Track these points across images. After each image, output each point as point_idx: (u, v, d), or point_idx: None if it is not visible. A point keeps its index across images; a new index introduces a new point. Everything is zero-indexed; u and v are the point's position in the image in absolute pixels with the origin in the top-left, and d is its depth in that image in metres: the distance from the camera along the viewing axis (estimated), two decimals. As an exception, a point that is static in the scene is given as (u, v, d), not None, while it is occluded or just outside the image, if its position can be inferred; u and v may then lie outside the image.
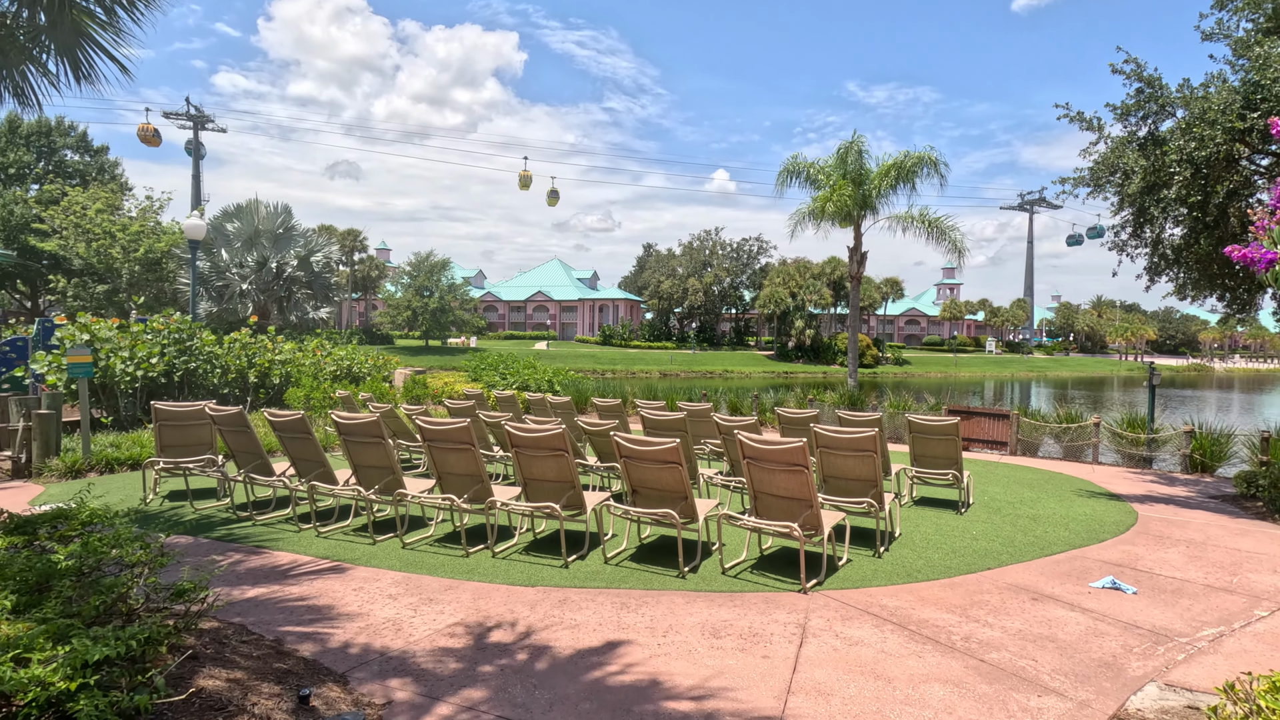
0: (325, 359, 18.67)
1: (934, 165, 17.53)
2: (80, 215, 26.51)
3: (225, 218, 25.79)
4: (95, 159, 34.10)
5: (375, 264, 69.82)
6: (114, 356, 12.71)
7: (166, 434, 8.09)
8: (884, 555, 6.21)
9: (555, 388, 22.09)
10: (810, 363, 66.98)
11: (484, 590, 5.11)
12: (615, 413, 10.99)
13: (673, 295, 73.80)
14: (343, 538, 6.54)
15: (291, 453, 7.22)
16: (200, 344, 14.88)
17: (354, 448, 6.69)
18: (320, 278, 26.93)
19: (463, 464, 6.26)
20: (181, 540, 6.40)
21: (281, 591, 5.00)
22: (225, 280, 25.03)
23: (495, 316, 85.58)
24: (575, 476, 5.97)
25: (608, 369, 53.86)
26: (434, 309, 61.08)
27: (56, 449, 10.57)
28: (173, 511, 7.48)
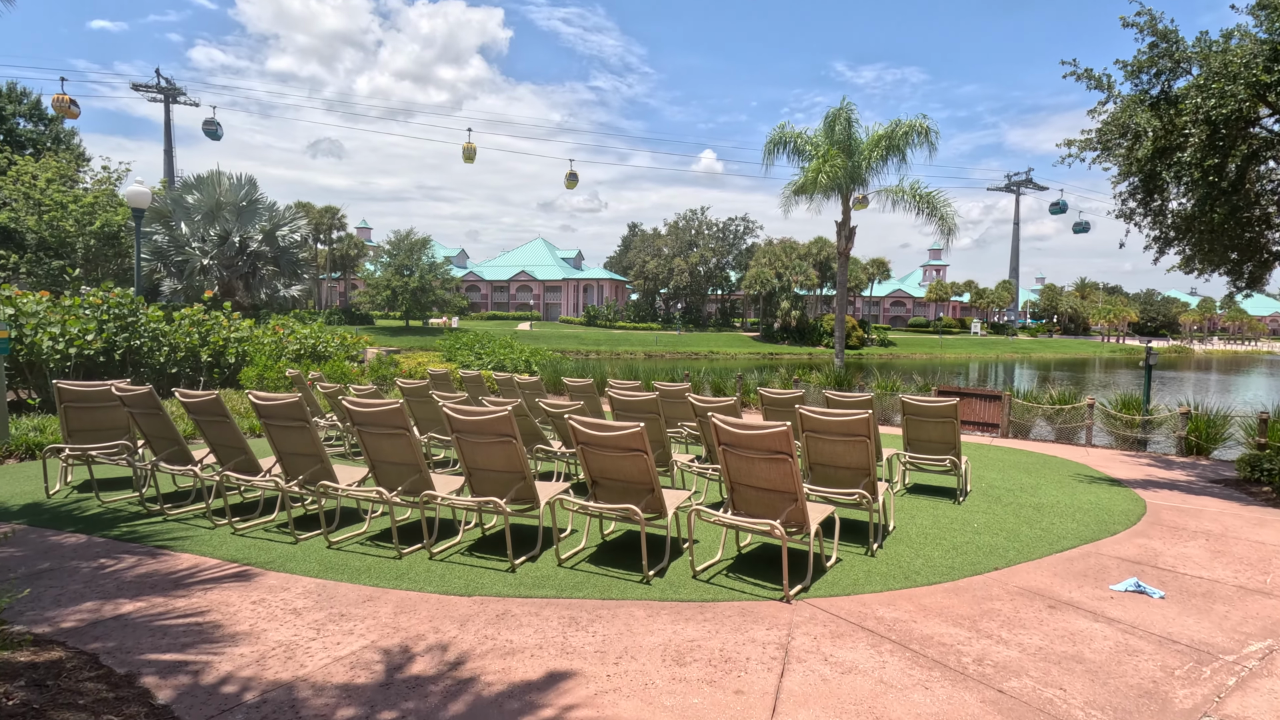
0: (288, 337, 17.69)
1: (925, 134, 16.67)
2: (30, 185, 25.09)
3: (185, 189, 24.46)
4: (50, 128, 32.41)
5: (355, 243, 68.10)
6: (42, 332, 11.69)
7: (74, 417, 7.18)
8: (878, 553, 5.49)
9: (532, 368, 21.25)
10: (796, 344, 66.45)
11: (409, 601, 4.32)
12: (587, 394, 10.18)
13: (658, 276, 72.80)
14: (262, 535, 5.71)
15: (209, 437, 6.36)
16: (145, 320, 13.85)
17: (276, 432, 5.84)
18: (288, 254, 25.73)
19: (397, 451, 5.44)
20: (72, 540, 5.54)
21: (165, 606, 4.18)
22: (185, 255, 23.79)
23: (478, 297, 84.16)
24: (525, 466, 5.17)
25: (591, 350, 52.99)
26: (414, 289, 59.71)
27: (-27, 433, 9.61)
28: (76, 505, 6.61)
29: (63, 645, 3.54)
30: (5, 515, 6.28)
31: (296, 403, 5.61)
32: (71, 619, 3.96)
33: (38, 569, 4.84)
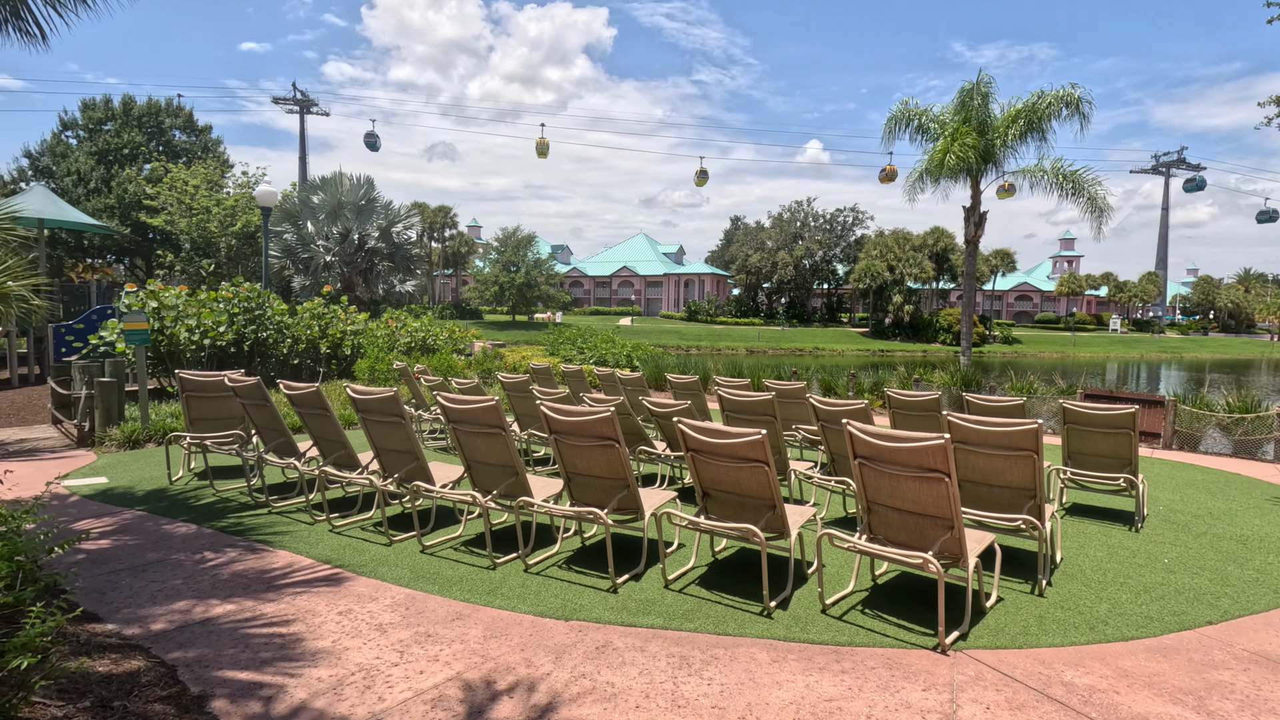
0: (400, 330, 18.24)
1: (1075, 106, 14.74)
2: (182, 191, 27.46)
3: (310, 190, 26.01)
4: (200, 138, 35.61)
5: (465, 240, 70.86)
6: (180, 324, 12.45)
7: (194, 406, 7.38)
8: (1047, 592, 4.54)
9: (633, 363, 20.90)
10: (908, 340, 62.82)
11: (501, 623, 3.88)
12: (692, 391, 9.58)
13: (761, 269, 71.01)
14: (358, 534, 5.51)
15: (312, 430, 6.27)
16: (270, 313, 14.57)
17: (374, 427, 5.63)
18: (402, 249, 26.79)
19: (493, 451, 5.05)
20: (182, 530, 5.56)
21: (253, 610, 3.96)
22: (310, 252, 25.26)
23: (581, 292, 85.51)
24: (629, 473, 4.63)
25: (692, 345, 52.33)
26: (520, 284, 61.29)
27: (119, 418, 10.29)
28: (194, 493, 6.73)
29: (145, 653, 3.34)
30: (131, 500, 6.46)
31: (392, 397, 5.35)
32: (162, 620, 3.81)
33: (145, 560, 4.82)
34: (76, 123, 33.87)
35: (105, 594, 4.18)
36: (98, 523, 5.71)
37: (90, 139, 33.22)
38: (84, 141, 33.26)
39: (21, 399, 14.26)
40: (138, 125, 33.79)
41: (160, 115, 34.60)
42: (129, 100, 34.62)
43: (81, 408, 10.36)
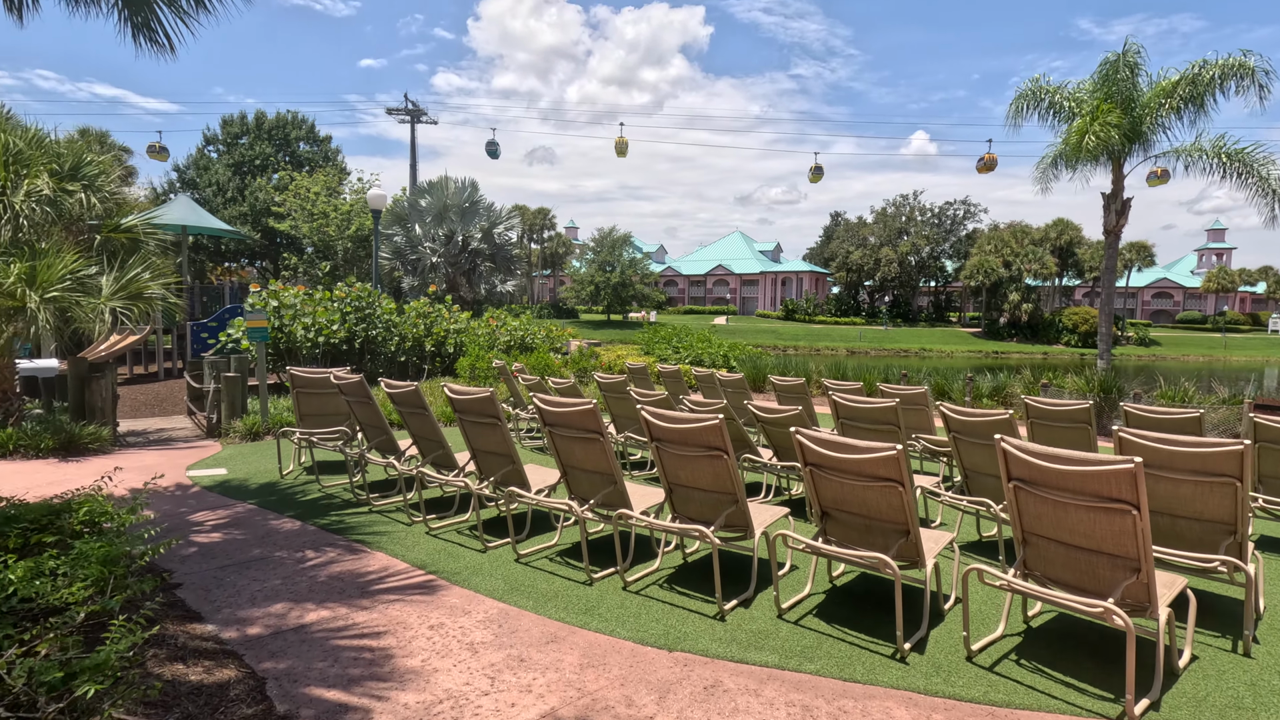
0: (500, 329, 18.55)
1: (1249, 74, 12.81)
2: (304, 198, 29.31)
3: (418, 194, 27.11)
4: (321, 148, 38.11)
5: (563, 241, 72.30)
6: (297, 322, 13.09)
7: (304, 401, 7.56)
8: (1255, 650, 3.71)
9: (730, 363, 20.32)
10: (1026, 341, 58.38)
11: (599, 649, 3.54)
12: (797, 395, 8.97)
13: (863, 267, 68.16)
14: (454, 537, 5.36)
15: (411, 429, 6.21)
16: (379, 312, 15.12)
17: (470, 428, 5.46)
18: (503, 250, 27.41)
19: (590, 457, 4.74)
20: (287, 526, 5.61)
21: (346, 619, 3.81)
22: (418, 254, 26.28)
23: (675, 291, 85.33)
24: (738, 486, 4.19)
25: (789, 345, 50.86)
26: (615, 284, 61.78)
27: (242, 411, 10.86)
28: (301, 488, 6.87)
29: (238, 661, 3.23)
30: (245, 493, 6.66)
31: (488, 398, 5.15)
32: (259, 623, 3.73)
33: (250, 556, 4.84)
34: (217, 138, 37.04)
35: (210, 591, 4.18)
36: (212, 515, 5.87)
37: (228, 152, 36.25)
38: (222, 155, 36.34)
39: (165, 391, 15.49)
40: (268, 138, 36.54)
41: (287, 128, 37.26)
42: (261, 115, 37.50)
43: (210, 401, 11.01)
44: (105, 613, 2.62)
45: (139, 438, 10.21)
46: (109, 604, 2.52)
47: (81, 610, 2.46)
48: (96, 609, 2.52)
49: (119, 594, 2.61)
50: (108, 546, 2.71)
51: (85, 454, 8.48)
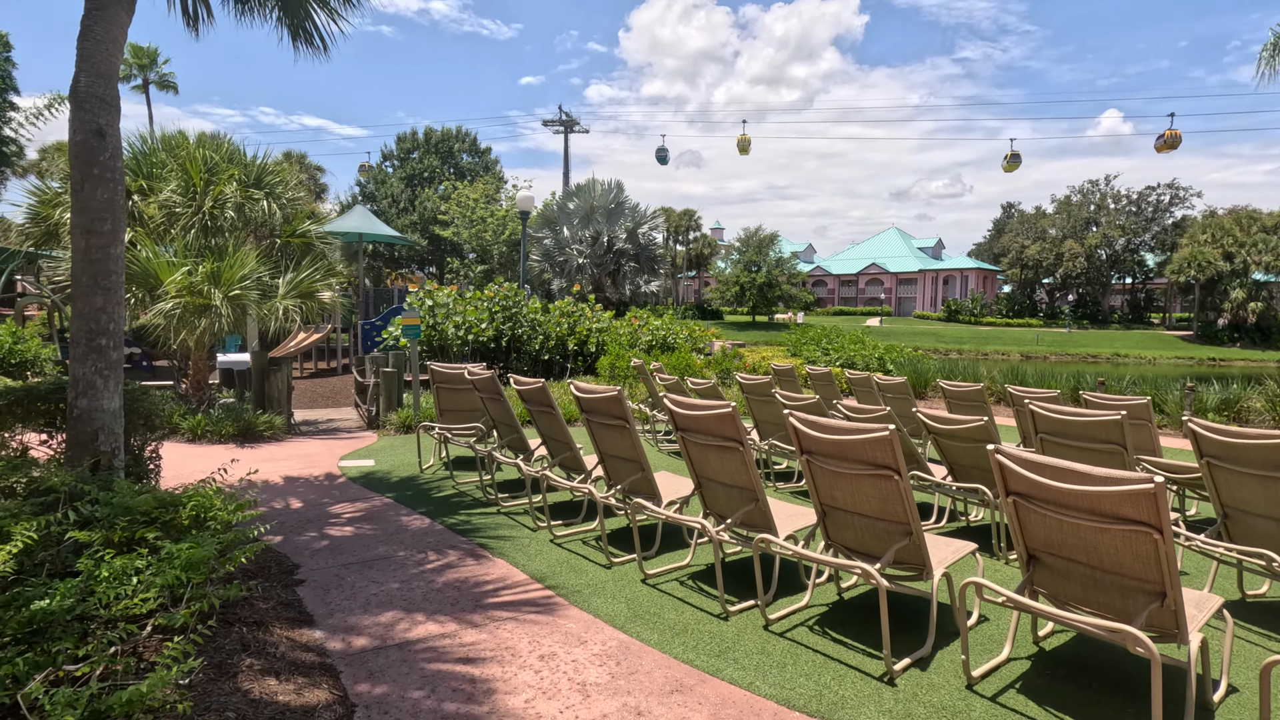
0: (642, 329, 18.35)
1: None
2: (465, 206, 31.15)
3: (567, 197, 27.81)
4: (481, 158, 40.52)
5: (708, 242, 71.85)
6: (448, 321, 13.57)
7: (443, 397, 7.56)
8: None
9: (886, 366, 18.67)
10: (1253, 346, 49.36)
11: (734, 708, 2.88)
12: (973, 403, 7.72)
13: (1041, 262, 61.21)
14: (578, 548, 4.93)
15: (540, 428, 5.90)
16: (525, 311, 15.39)
17: (598, 430, 5.01)
18: (647, 250, 27.38)
19: (727, 469, 4.09)
20: (416, 523, 5.47)
21: (453, 638, 3.46)
22: (566, 256, 26.93)
23: (824, 291, 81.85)
24: (913, 516, 3.34)
25: (952, 348, 46.72)
26: (761, 284, 60.26)
27: (397, 405, 11.35)
28: (436, 484, 6.81)
29: (334, 681, 2.95)
30: (385, 486, 6.71)
31: (615, 398, 4.66)
32: (366, 633, 3.47)
33: (374, 554, 4.71)
34: (393, 154, 40.58)
35: (329, 591, 4.03)
36: (350, 508, 5.90)
37: (401, 166, 39.58)
38: (397, 169, 39.73)
39: (340, 385, 16.83)
40: (435, 151, 39.45)
41: (451, 141, 40.01)
42: (430, 131, 40.55)
43: (370, 394, 11.61)
44: (173, 628, 2.38)
45: (310, 427, 10.94)
46: (175, 619, 2.27)
47: (148, 624, 2.23)
48: (163, 622, 2.28)
49: (195, 604, 2.36)
50: (194, 549, 2.50)
51: (259, 440, 9.13)
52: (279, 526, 5.25)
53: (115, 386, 4.65)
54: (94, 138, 4.48)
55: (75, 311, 4.55)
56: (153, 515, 2.97)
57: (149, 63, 38.94)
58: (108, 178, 4.55)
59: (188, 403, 9.79)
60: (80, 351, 4.54)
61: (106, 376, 4.59)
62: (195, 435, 8.94)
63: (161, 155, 10.18)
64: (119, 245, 4.66)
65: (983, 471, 5.26)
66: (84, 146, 4.48)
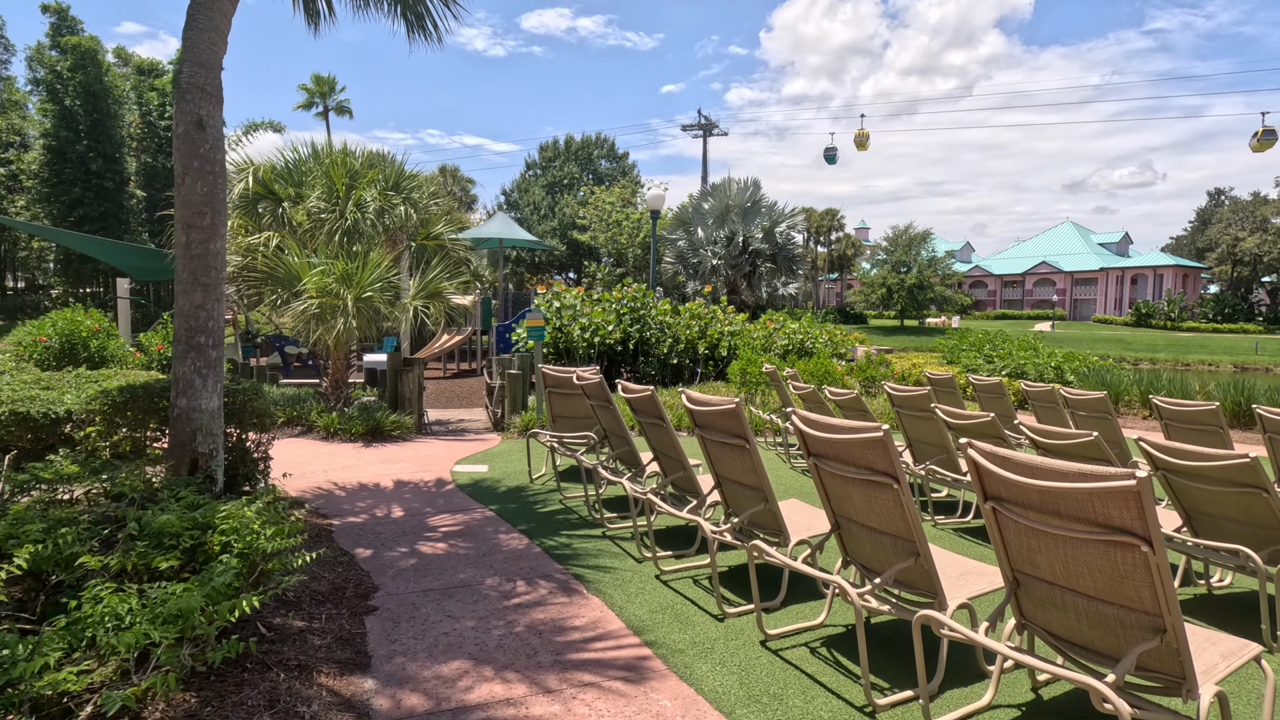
0: (777, 332, 17.23)
1: None
2: (601, 210, 31.41)
3: (702, 197, 27.11)
4: (619, 164, 40.93)
5: (852, 242, 68.27)
6: (575, 323, 13.30)
7: (555, 402, 7.08)
8: None
9: (1066, 376, 16.15)
10: None
11: None
12: (1205, 428, 6.04)
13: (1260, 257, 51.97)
14: (687, 588, 4.15)
15: (650, 441, 5.19)
16: (654, 313, 14.84)
17: (713, 449, 4.21)
18: (785, 250, 26.03)
19: (874, 509, 3.12)
20: (512, 543, 4.95)
21: (520, 710, 2.81)
22: (699, 257, 26.23)
23: (984, 294, 74.93)
24: (1168, 605, 2.23)
25: (1143, 357, 40.63)
26: (910, 285, 56.13)
27: (521, 407, 11.18)
28: (543, 498, 6.31)
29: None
30: (491, 497, 6.31)
31: (732, 411, 3.83)
32: (421, 690, 2.91)
33: (459, 580, 4.21)
34: (536, 162, 42.07)
35: (399, 625, 3.55)
36: (450, 520, 5.52)
37: (543, 174, 40.91)
38: (539, 177, 41.13)
39: (478, 385, 17.24)
40: (575, 159, 40.38)
41: (590, 147, 40.77)
42: (570, 139, 41.60)
43: (496, 396, 11.53)
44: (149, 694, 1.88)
45: (441, 427, 11.01)
46: (110, 704, 1.75)
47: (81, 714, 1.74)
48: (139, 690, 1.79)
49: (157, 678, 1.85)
50: (189, 590, 2.02)
51: (386, 440, 9.21)
52: (373, 539, 4.94)
53: (214, 386, 4.50)
54: (194, 129, 4.34)
55: (176, 309, 4.45)
56: (181, 538, 2.57)
57: (328, 90, 43.11)
58: (207, 170, 4.40)
59: (326, 401, 10.13)
60: (180, 350, 4.43)
61: (205, 375, 4.44)
62: (328, 433, 9.17)
63: (311, 165, 10.68)
64: (219, 241, 4.51)
65: (1238, 525, 3.86)
66: (185, 138, 4.36)
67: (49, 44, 28.92)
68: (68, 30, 29.01)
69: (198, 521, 2.66)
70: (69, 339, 10.62)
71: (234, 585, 2.32)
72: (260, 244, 9.50)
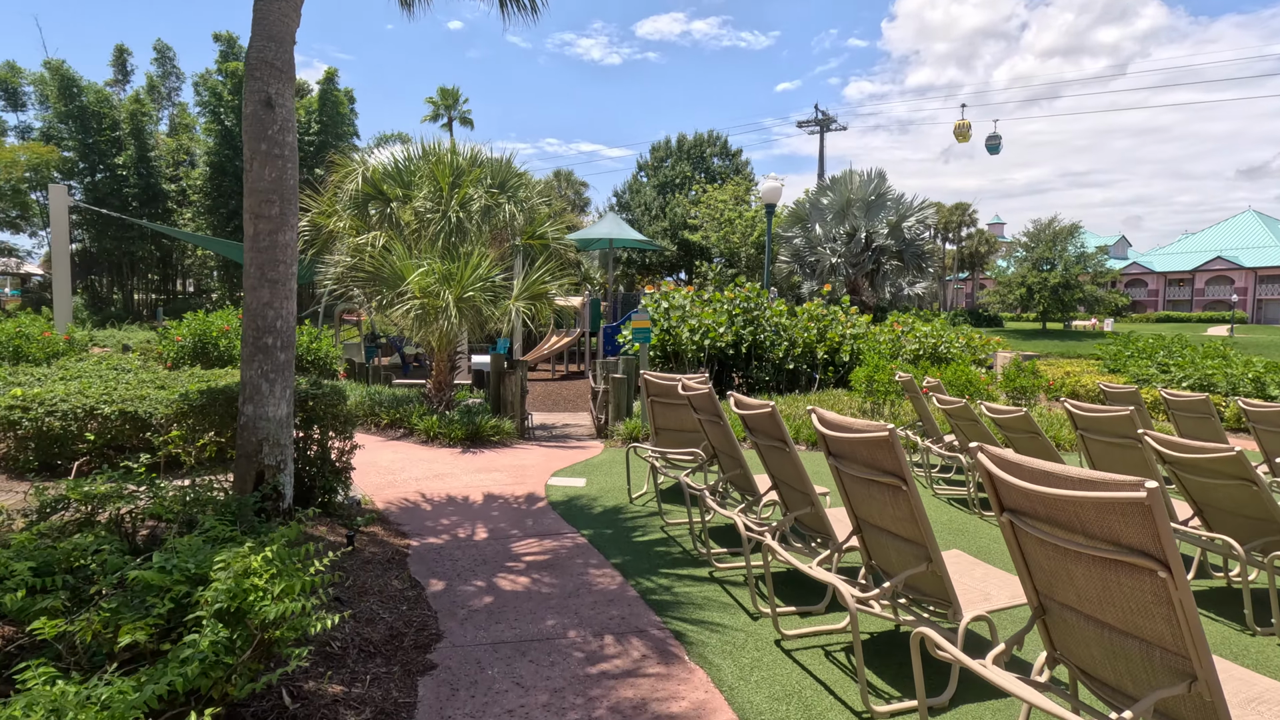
0: (906, 335, 15.65)
1: None
2: (713, 208, 30.47)
3: (820, 192, 25.51)
4: (732, 161, 39.77)
5: (985, 238, 63.12)
6: (684, 324, 12.52)
7: (658, 413, 6.32)
8: None
9: (1270, 390, 13.45)
10: None
11: None
12: None
13: None
14: (818, 663, 3.23)
15: (769, 467, 4.30)
16: (769, 314, 13.79)
17: (850, 484, 3.28)
18: (912, 246, 23.94)
19: (1115, 599, 2.09)
20: (601, 583, 4.23)
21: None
22: (817, 255, 24.68)
23: (1143, 294, 66.93)
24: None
25: (1355, 367, 34.25)
26: (1054, 285, 50.93)
27: (625, 414, 10.56)
28: (641, 523, 5.56)
29: None
30: (585, 519, 5.64)
31: (884, 442, 2.88)
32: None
33: (538, 630, 3.52)
34: (647, 163, 41.73)
35: (456, 693, 2.89)
36: (536, 547, 4.88)
37: (655, 174, 40.48)
38: (650, 177, 40.75)
39: (584, 388, 16.89)
40: (687, 157, 39.64)
41: (703, 145, 39.88)
42: (682, 137, 40.91)
43: (599, 401, 10.97)
44: None
45: (544, 432, 10.59)
46: None
47: None
48: None
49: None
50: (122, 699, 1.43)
51: (485, 446, 8.84)
52: (449, 567, 4.38)
53: (282, 392, 4.08)
54: (262, 108, 3.94)
55: (244, 307, 4.07)
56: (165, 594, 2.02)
57: (452, 102, 44.96)
58: (276, 154, 3.99)
59: (429, 403, 9.95)
60: (248, 352, 4.04)
61: (273, 381, 4.03)
62: (428, 437, 8.92)
63: (419, 164, 10.59)
64: (288, 232, 4.09)
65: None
66: (253, 119, 3.96)
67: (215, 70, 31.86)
68: (234, 57, 31.84)
69: (190, 574, 2.12)
70: (200, 339, 11.13)
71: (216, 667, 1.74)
72: (367, 244, 9.43)
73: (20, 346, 12.99)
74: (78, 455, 6.11)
